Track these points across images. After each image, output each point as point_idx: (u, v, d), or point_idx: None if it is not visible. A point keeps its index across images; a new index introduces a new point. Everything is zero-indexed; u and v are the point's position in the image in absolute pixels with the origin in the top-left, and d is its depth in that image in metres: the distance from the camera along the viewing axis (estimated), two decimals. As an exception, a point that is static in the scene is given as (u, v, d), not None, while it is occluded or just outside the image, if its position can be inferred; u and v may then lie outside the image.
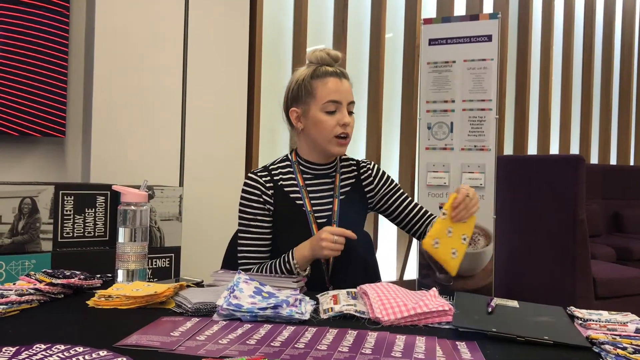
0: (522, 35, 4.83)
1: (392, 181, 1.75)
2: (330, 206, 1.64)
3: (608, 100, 5.59)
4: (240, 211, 1.64)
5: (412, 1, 4.05)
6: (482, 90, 2.93)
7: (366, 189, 1.71)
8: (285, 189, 1.63)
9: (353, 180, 1.70)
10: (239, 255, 1.64)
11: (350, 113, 1.62)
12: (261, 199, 1.62)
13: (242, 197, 1.64)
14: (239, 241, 1.64)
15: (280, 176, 1.65)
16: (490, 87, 2.92)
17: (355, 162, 1.74)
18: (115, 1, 2.74)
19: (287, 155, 1.72)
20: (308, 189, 1.65)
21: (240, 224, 1.64)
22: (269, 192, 1.62)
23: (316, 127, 1.60)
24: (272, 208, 1.63)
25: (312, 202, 1.63)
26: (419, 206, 1.74)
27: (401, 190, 1.75)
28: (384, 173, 1.75)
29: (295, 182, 1.65)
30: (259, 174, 1.65)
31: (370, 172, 1.73)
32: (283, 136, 3.61)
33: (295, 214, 1.61)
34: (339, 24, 3.73)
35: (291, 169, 1.67)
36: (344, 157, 1.74)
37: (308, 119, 1.61)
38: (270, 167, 1.67)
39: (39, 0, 2.53)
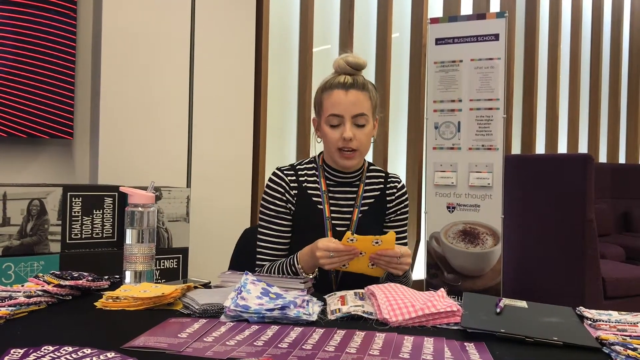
0: (530, 34, 4.81)
1: (406, 213, 1.73)
2: (350, 215, 1.63)
3: (616, 98, 5.55)
4: (262, 206, 1.65)
5: (419, 1, 4.04)
6: (489, 90, 2.92)
7: (387, 205, 1.69)
8: (309, 191, 1.63)
9: (378, 192, 1.68)
10: (257, 250, 1.65)
11: (360, 124, 1.56)
12: (284, 197, 1.63)
13: (265, 193, 1.65)
14: (259, 236, 1.65)
15: (306, 177, 1.65)
16: (497, 86, 2.90)
17: (384, 174, 1.72)
18: (122, 3, 2.75)
19: (314, 157, 1.71)
20: (330, 195, 1.64)
21: (260, 219, 1.65)
22: (292, 192, 1.63)
23: (324, 139, 1.62)
24: (293, 208, 1.63)
25: (332, 208, 1.63)
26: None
27: (404, 228, 1.72)
28: (406, 199, 1.72)
29: (318, 186, 1.64)
30: (285, 171, 1.65)
31: (395, 190, 1.70)
32: (290, 137, 3.61)
33: (314, 217, 1.61)
34: (345, 25, 3.73)
35: (316, 172, 1.66)
36: (372, 167, 1.72)
37: (320, 130, 1.63)
38: (297, 167, 1.68)
39: (46, 2, 2.54)
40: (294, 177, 1.65)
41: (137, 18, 2.79)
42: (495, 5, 4.53)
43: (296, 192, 1.63)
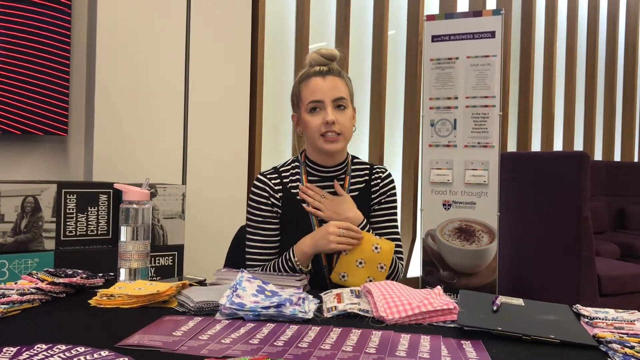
0: (526, 32, 4.81)
1: (392, 202, 1.69)
2: None
3: (612, 96, 5.56)
4: (249, 212, 1.64)
5: (415, -2, 4.03)
6: (485, 87, 2.91)
7: (372, 196, 1.68)
8: (292, 191, 1.63)
9: (363, 184, 1.67)
10: (247, 256, 1.63)
11: (340, 107, 1.57)
12: (269, 202, 1.62)
13: (250, 199, 1.64)
14: (247, 242, 1.64)
15: (290, 178, 1.64)
16: (493, 83, 2.90)
17: (369, 166, 1.71)
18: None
19: (297, 157, 1.70)
20: None
21: (248, 225, 1.64)
22: (277, 195, 1.62)
23: (306, 129, 1.60)
24: (279, 211, 1.62)
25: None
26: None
27: (392, 217, 1.68)
28: (392, 188, 1.70)
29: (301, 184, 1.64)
30: (268, 176, 1.64)
31: (379, 180, 1.68)
32: (286, 134, 3.60)
33: (300, 216, 1.60)
34: (342, 22, 3.72)
35: (299, 170, 1.66)
36: (357, 160, 1.71)
37: (301, 122, 1.62)
38: (280, 169, 1.67)
39: (40, -2, 2.52)
40: (277, 180, 1.64)
41: (132, 14, 2.78)
42: (491, 3, 4.53)
43: (281, 194, 1.62)
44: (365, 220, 1.58)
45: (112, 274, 1.42)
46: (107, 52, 2.71)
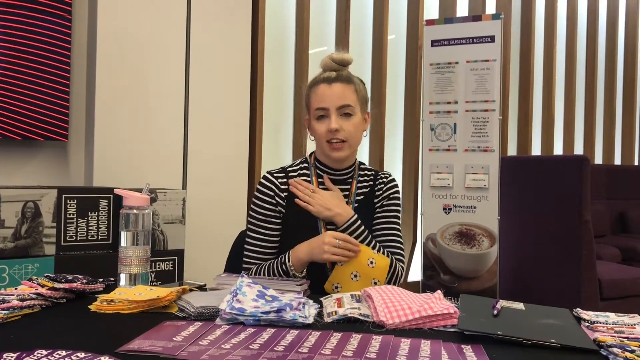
0: (525, 36, 4.82)
1: (394, 205, 1.70)
2: None
3: (612, 99, 5.57)
4: (252, 209, 1.65)
5: (415, 2, 4.04)
6: (485, 91, 2.91)
7: (375, 200, 1.69)
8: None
9: (367, 189, 1.69)
10: (245, 252, 1.64)
11: (347, 115, 1.59)
12: (273, 200, 1.63)
13: (255, 196, 1.65)
14: (246, 239, 1.65)
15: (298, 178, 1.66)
16: (493, 88, 2.90)
17: (374, 172, 1.73)
18: (118, 4, 2.74)
19: (306, 158, 1.72)
20: None
21: (249, 222, 1.65)
22: (283, 195, 1.63)
23: (313, 134, 1.64)
24: (283, 210, 1.63)
25: None
26: (387, 245, 1.66)
27: (392, 222, 1.69)
28: (394, 192, 1.71)
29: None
30: (275, 174, 1.66)
31: (383, 185, 1.70)
32: (286, 138, 3.60)
33: (306, 217, 1.61)
34: (341, 26, 3.72)
35: (308, 172, 1.67)
36: (363, 166, 1.73)
37: (310, 127, 1.65)
38: (288, 169, 1.68)
39: (41, 4, 2.53)
40: (284, 180, 1.65)
41: (132, 19, 2.78)
42: (491, 7, 4.54)
43: (287, 194, 1.63)
44: (356, 216, 1.58)
45: (112, 279, 1.42)
46: (108, 57, 2.72)
